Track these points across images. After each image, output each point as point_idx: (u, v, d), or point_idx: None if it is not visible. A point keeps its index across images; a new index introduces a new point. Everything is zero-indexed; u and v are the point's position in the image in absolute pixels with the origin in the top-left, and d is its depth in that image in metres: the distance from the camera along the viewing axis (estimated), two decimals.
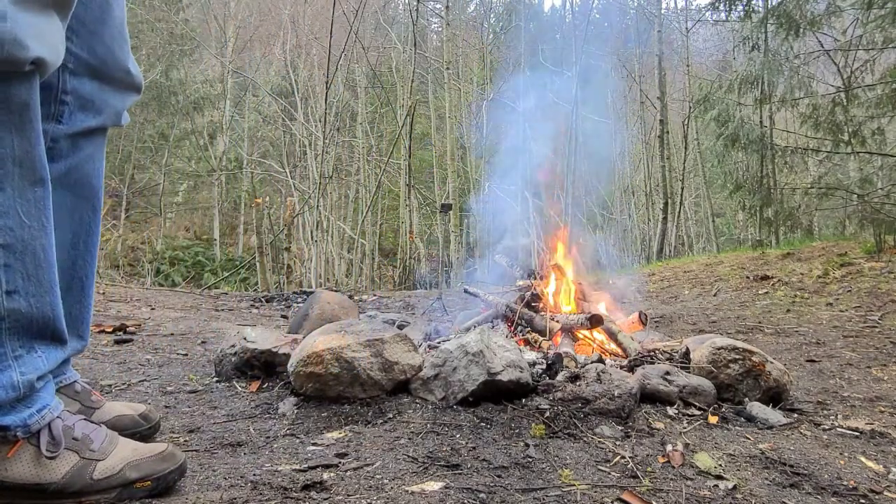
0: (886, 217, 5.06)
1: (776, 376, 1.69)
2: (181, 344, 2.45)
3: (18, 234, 0.82)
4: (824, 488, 1.12)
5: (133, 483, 0.90)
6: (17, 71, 0.80)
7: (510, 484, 1.04)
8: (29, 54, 0.79)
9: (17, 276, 0.82)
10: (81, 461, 0.88)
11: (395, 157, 14.80)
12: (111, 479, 0.89)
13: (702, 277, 5.65)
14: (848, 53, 6.53)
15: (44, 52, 0.81)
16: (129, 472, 0.90)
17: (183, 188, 19.20)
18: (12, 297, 0.82)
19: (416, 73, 11.52)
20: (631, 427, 1.39)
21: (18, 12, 0.78)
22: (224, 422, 1.39)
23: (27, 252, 0.83)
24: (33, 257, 0.84)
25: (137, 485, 0.90)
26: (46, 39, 0.82)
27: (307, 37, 18.65)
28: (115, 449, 0.92)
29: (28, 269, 0.83)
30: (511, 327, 2.30)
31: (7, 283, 0.81)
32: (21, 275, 0.82)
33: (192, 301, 4.30)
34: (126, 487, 0.90)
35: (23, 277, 0.83)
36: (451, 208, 11.02)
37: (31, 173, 0.83)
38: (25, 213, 0.83)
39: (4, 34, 0.76)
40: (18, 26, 0.78)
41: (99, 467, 0.88)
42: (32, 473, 0.83)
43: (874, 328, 3.20)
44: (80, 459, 0.88)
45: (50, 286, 0.88)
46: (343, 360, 1.48)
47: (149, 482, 0.91)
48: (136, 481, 0.90)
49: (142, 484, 0.91)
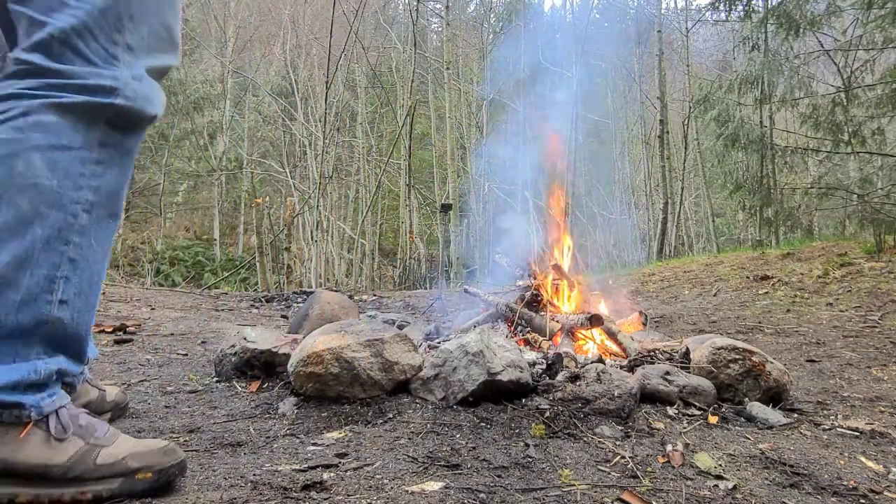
0: (886, 217, 5.06)
1: (776, 376, 1.69)
2: (181, 344, 2.45)
3: (85, 254, 0.93)
4: (824, 488, 1.12)
5: (135, 473, 0.91)
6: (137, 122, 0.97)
7: (510, 484, 1.04)
8: (154, 111, 0.99)
9: (72, 290, 0.91)
10: (86, 446, 0.91)
11: (395, 157, 14.80)
12: (114, 465, 0.90)
13: (702, 277, 5.65)
14: (848, 53, 6.53)
15: (160, 111, 1.01)
16: (131, 462, 0.91)
17: (183, 188, 19.20)
18: (62, 307, 0.90)
19: (416, 73, 11.52)
20: (631, 427, 1.39)
21: (149, 76, 0.98)
22: (224, 422, 1.39)
23: (86, 272, 0.93)
24: (89, 278, 0.94)
25: (139, 475, 0.91)
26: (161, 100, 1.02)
27: (307, 37, 18.65)
28: (116, 440, 0.95)
29: (82, 287, 0.93)
30: (511, 327, 2.30)
31: (62, 294, 0.90)
32: (75, 290, 0.92)
33: (192, 301, 4.30)
34: (128, 477, 0.91)
35: (75, 293, 0.92)
36: (451, 208, 11.02)
37: (112, 207, 0.97)
38: (96, 239, 0.95)
39: (138, 89, 0.95)
40: (151, 87, 0.98)
41: (102, 453, 0.91)
42: (41, 455, 0.86)
43: (874, 328, 3.20)
44: (84, 444, 0.91)
45: (91, 308, 0.97)
46: (343, 360, 1.48)
47: (150, 473, 0.92)
48: (137, 471, 0.91)
49: (143, 475, 0.91)
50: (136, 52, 0.96)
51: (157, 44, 1.00)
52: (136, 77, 0.95)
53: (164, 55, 1.01)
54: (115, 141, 0.95)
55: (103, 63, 0.92)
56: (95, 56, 0.91)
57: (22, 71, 0.88)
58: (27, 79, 0.88)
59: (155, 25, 0.99)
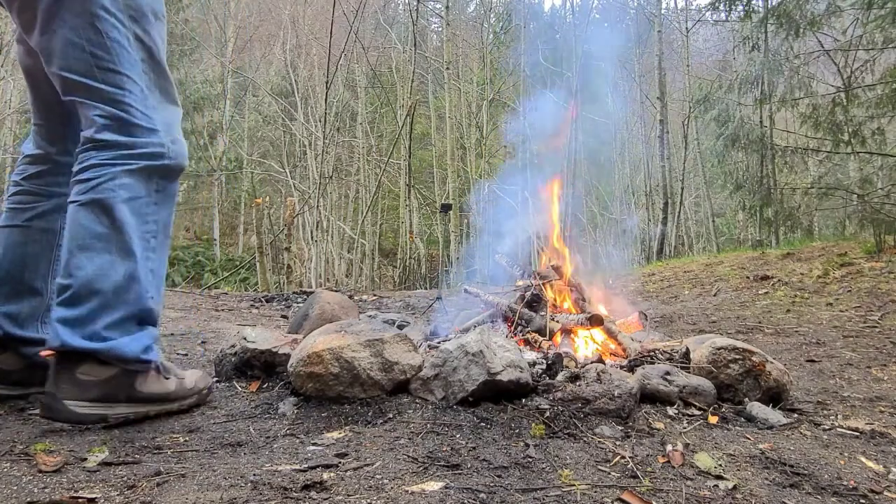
0: (886, 217, 5.06)
1: (776, 376, 1.69)
2: (181, 344, 2.45)
3: (157, 264, 1.38)
4: (824, 488, 1.12)
5: (202, 391, 1.48)
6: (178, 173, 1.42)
7: (510, 484, 1.04)
8: (186, 163, 1.43)
9: (154, 288, 1.37)
10: (178, 380, 1.41)
11: (395, 157, 14.80)
12: (192, 388, 1.45)
13: (702, 277, 5.65)
14: (848, 53, 6.53)
15: (187, 163, 1.45)
16: (199, 383, 1.48)
17: (183, 188, 19.18)
18: (153, 300, 1.36)
19: (416, 73, 11.52)
20: (631, 427, 1.39)
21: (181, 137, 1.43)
22: (224, 422, 1.39)
23: (158, 276, 1.39)
24: (160, 280, 1.40)
25: (203, 391, 1.49)
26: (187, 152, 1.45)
27: (307, 37, 18.64)
28: (186, 373, 1.46)
29: (160, 289, 1.40)
30: (511, 327, 2.30)
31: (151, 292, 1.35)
32: (156, 289, 1.38)
33: (192, 301, 4.30)
34: (199, 393, 1.47)
35: (156, 290, 1.38)
36: (451, 208, 11.01)
37: (166, 230, 1.42)
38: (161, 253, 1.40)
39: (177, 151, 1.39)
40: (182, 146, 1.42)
41: (185, 383, 1.43)
42: (159, 387, 1.36)
43: (874, 328, 3.20)
44: (177, 379, 1.41)
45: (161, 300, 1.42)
46: (343, 360, 1.48)
47: (206, 388, 1.50)
48: (202, 389, 1.48)
49: (205, 391, 1.49)
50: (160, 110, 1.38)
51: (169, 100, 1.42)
52: (174, 141, 1.39)
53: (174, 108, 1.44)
54: (163, 187, 1.38)
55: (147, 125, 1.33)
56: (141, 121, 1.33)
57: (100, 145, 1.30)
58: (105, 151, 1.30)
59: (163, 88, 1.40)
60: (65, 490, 0.96)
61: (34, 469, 1.03)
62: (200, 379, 1.48)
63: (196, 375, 1.48)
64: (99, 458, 1.10)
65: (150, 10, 1.36)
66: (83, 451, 1.13)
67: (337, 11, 8.70)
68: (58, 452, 1.11)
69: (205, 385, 1.49)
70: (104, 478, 1.01)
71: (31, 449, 1.12)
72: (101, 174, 1.28)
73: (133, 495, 0.94)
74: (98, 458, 1.10)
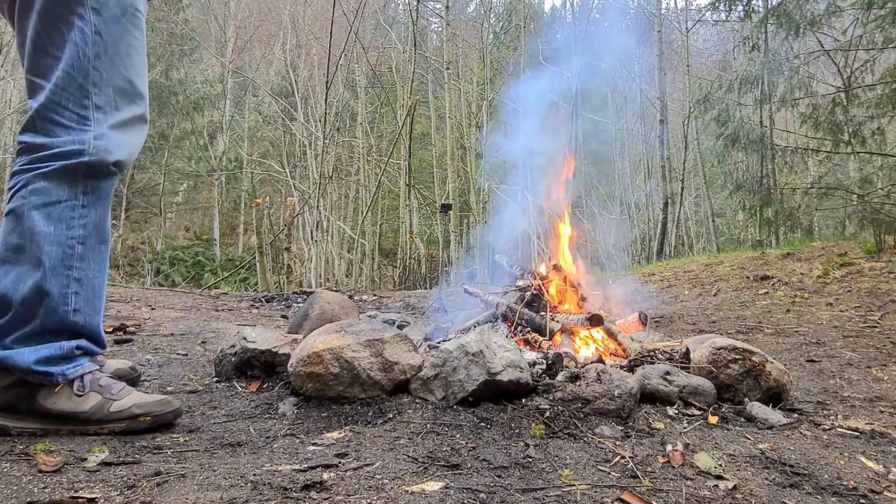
0: (886, 217, 5.06)
1: (776, 376, 1.69)
2: (181, 344, 2.45)
3: (87, 273, 1.27)
4: (824, 488, 1.12)
5: (137, 417, 1.27)
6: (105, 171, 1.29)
7: (510, 484, 1.04)
8: (111, 158, 1.28)
9: (81, 301, 1.26)
10: (103, 399, 1.26)
11: (395, 157, 14.79)
12: (122, 412, 1.26)
13: (702, 277, 5.65)
14: (848, 53, 6.52)
15: (123, 157, 1.31)
16: (135, 409, 1.28)
17: (183, 188, 19.20)
18: (76, 314, 1.26)
19: (416, 73, 11.52)
20: (631, 427, 1.39)
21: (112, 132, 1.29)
22: (224, 422, 1.39)
23: (89, 286, 1.28)
24: (92, 290, 1.29)
25: (140, 418, 1.27)
26: (126, 148, 1.32)
27: (307, 37, 18.64)
28: (128, 395, 1.30)
29: (88, 297, 1.28)
30: (511, 327, 2.30)
31: (75, 304, 1.25)
32: (84, 300, 1.27)
33: (192, 301, 4.30)
34: (132, 420, 1.27)
35: (84, 302, 1.27)
36: (451, 208, 11.02)
37: (101, 235, 1.31)
38: (93, 261, 1.29)
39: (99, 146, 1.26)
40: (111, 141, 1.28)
41: (115, 405, 1.27)
42: (67, 404, 1.24)
43: (874, 328, 3.20)
44: (102, 398, 1.26)
45: (98, 311, 1.32)
46: (343, 360, 1.48)
47: (149, 417, 1.28)
48: (139, 415, 1.28)
49: (144, 418, 1.27)
50: (105, 108, 1.27)
51: (123, 98, 1.31)
52: (98, 137, 1.26)
53: (131, 107, 1.33)
54: (93, 187, 1.27)
55: (77, 125, 1.24)
56: (70, 121, 1.24)
57: (21, 149, 1.24)
58: (22, 155, 1.24)
59: (119, 84, 1.30)
60: (65, 490, 0.96)
61: (34, 469, 1.03)
62: (143, 405, 1.29)
63: (140, 400, 1.30)
64: (99, 458, 1.10)
65: (117, 3, 1.29)
66: (83, 451, 1.14)
67: (337, 11, 8.69)
68: (58, 452, 1.11)
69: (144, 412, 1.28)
70: (104, 478, 1.01)
71: (31, 449, 1.12)
72: (17, 181, 1.23)
73: (133, 495, 0.94)
74: (98, 458, 1.10)
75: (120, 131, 1.30)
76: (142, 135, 1.38)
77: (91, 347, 1.31)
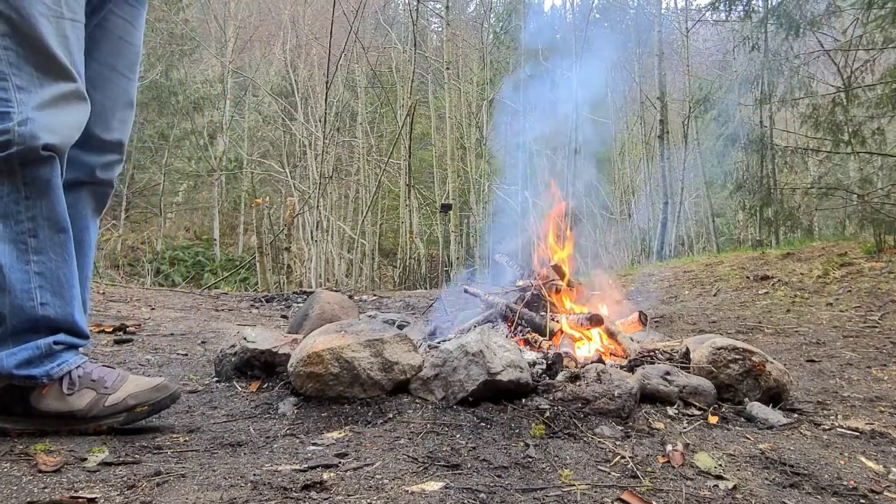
0: (886, 217, 5.07)
1: (776, 376, 1.69)
2: (181, 344, 2.45)
3: (48, 265, 1.20)
4: (824, 488, 1.12)
5: (134, 408, 1.24)
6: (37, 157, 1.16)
7: (510, 484, 1.04)
8: (38, 143, 1.15)
9: (47, 294, 1.20)
10: (97, 395, 1.23)
11: (395, 157, 14.80)
12: (117, 405, 1.23)
13: (702, 277, 5.65)
14: (848, 53, 6.52)
15: (53, 139, 1.17)
16: (130, 401, 1.24)
17: (183, 188, 19.19)
18: (44, 307, 1.19)
19: (416, 73, 11.52)
20: (631, 427, 1.39)
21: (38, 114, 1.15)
22: (224, 422, 1.39)
23: (54, 278, 1.21)
24: (58, 281, 1.22)
25: (137, 409, 1.25)
26: (56, 129, 1.19)
27: (307, 37, 18.64)
28: (123, 384, 1.26)
29: (54, 290, 1.21)
30: (511, 327, 2.30)
31: (41, 298, 1.19)
32: (50, 293, 1.20)
33: (192, 301, 4.30)
34: (130, 412, 1.24)
35: (51, 295, 1.20)
36: (451, 208, 11.02)
37: (55, 225, 1.21)
38: (53, 251, 1.21)
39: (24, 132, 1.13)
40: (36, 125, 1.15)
41: (109, 399, 1.23)
42: (60, 404, 1.20)
43: (874, 328, 3.20)
44: (96, 394, 1.23)
45: (70, 301, 1.23)
46: (343, 360, 1.48)
47: (146, 406, 1.25)
48: (135, 406, 1.24)
49: (141, 408, 1.25)
50: (28, 88, 1.15)
51: (47, 76, 1.18)
52: (21, 122, 1.14)
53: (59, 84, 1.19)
54: (32, 177, 1.17)
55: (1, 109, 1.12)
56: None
57: None
58: None
59: (40, 60, 1.17)
60: (65, 490, 0.96)
61: (34, 469, 1.03)
62: (137, 394, 1.26)
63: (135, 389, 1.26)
64: (99, 458, 1.10)
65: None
66: (83, 451, 1.13)
67: (337, 11, 8.70)
68: (58, 452, 1.11)
69: (139, 402, 1.25)
70: (104, 478, 1.01)
71: (31, 449, 1.12)
72: None
73: (133, 495, 0.94)
74: (98, 458, 1.10)
75: (47, 112, 1.17)
76: (78, 113, 1.24)
77: (72, 340, 1.25)
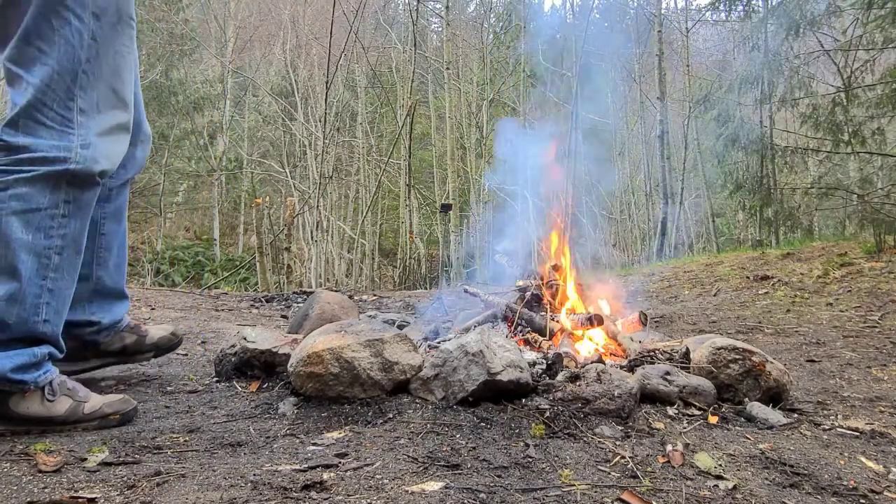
0: (886, 217, 5.07)
1: (776, 376, 1.69)
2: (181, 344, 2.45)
3: (59, 284, 1.27)
4: (824, 488, 1.12)
5: (108, 416, 1.33)
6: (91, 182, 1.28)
7: (510, 484, 1.04)
8: (97, 168, 1.27)
9: (52, 311, 1.27)
10: (74, 402, 1.30)
11: (395, 157, 14.79)
12: (94, 413, 1.31)
13: (702, 277, 5.65)
14: (848, 53, 6.52)
15: (107, 166, 1.31)
16: (105, 409, 1.33)
17: (183, 188, 19.19)
18: (45, 324, 1.26)
19: (416, 73, 11.52)
20: (631, 427, 1.39)
21: (98, 140, 1.27)
22: (224, 422, 1.39)
23: (60, 297, 1.29)
24: (62, 301, 1.29)
25: (111, 416, 1.34)
26: (111, 157, 1.32)
27: (307, 37, 18.63)
28: (92, 397, 1.34)
29: (57, 308, 1.28)
30: (511, 327, 2.30)
31: (45, 315, 1.25)
32: (54, 311, 1.27)
33: (192, 301, 4.30)
34: (104, 418, 1.32)
35: (54, 313, 1.27)
36: (451, 208, 11.01)
37: (78, 247, 1.30)
38: (68, 272, 1.29)
39: (87, 155, 1.24)
40: (97, 150, 1.27)
41: (86, 406, 1.31)
42: (41, 409, 1.25)
43: (874, 328, 3.20)
44: (73, 402, 1.30)
45: (63, 319, 1.32)
46: (343, 360, 1.48)
47: (118, 415, 1.34)
48: (110, 414, 1.34)
49: (114, 416, 1.34)
50: (89, 113, 1.26)
51: (106, 106, 1.29)
52: (84, 145, 1.25)
53: (114, 112, 1.32)
54: (75, 197, 1.26)
55: (60, 127, 1.22)
56: (53, 122, 1.22)
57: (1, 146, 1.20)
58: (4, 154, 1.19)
59: (103, 91, 1.28)
60: (65, 490, 0.96)
61: (34, 469, 1.03)
62: (111, 404, 1.35)
63: (106, 400, 1.36)
64: (99, 458, 1.10)
65: (115, 10, 1.29)
66: (83, 451, 1.14)
67: (337, 11, 8.69)
68: (58, 452, 1.11)
69: (114, 411, 1.34)
70: (104, 478, 1.01)
71: (31, 449, 1.12)
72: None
73: (133, 495, 0.94)
74: (98, 458, 1.10)
75: (105, 139, 1.29)
76: (125, 144, 1.37)
77: (55, 353, 1.32)
